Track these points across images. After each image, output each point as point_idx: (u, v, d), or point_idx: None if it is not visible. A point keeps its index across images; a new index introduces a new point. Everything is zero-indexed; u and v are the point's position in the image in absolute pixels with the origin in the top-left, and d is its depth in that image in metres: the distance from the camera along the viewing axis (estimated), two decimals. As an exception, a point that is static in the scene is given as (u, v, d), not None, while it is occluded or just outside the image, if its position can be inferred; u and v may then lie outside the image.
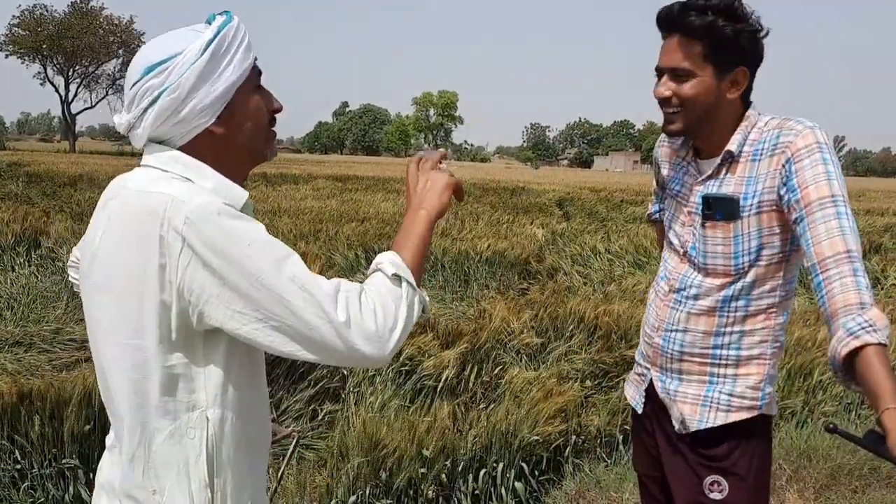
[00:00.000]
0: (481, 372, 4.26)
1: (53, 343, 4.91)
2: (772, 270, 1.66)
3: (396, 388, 4.05)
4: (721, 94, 1.63)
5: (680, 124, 1.67)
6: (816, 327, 4.97)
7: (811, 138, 1.55)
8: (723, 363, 1.73)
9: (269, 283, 1.09)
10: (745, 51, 1.61)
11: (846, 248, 1.46)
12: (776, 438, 3.75)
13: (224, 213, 1.10)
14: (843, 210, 1.50)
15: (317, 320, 1.09)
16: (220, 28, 1.19)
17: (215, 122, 1.20)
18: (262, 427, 1.31)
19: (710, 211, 1.68)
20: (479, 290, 7.10)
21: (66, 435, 3.00)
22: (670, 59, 1.63)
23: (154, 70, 1.16)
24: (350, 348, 1.10)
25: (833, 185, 1.51)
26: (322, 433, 3.74)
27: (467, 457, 3.24)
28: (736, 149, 1.66)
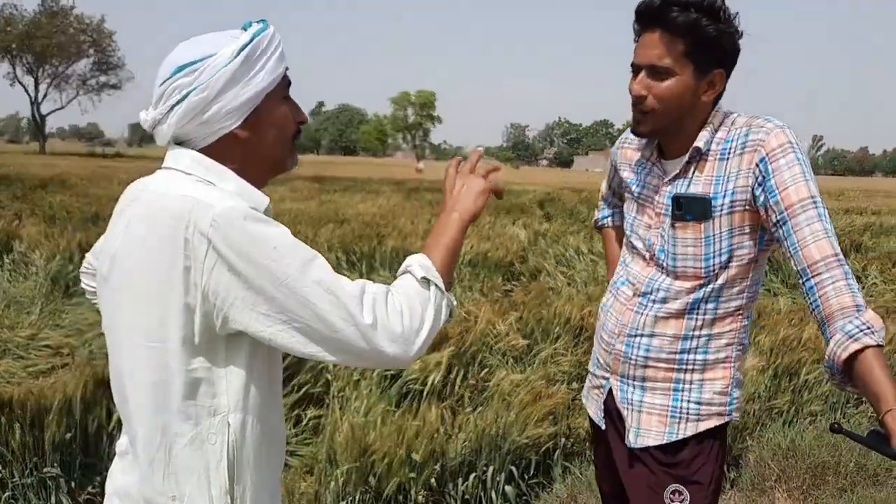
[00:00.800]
0: (468, 375, 4.23)
1: (29, 349, 4.79)
2: (742, 272, 1.63)
3: (381, 392, 4.01)
4: (697, 95, 1.58)
5: (651, 126, 1.62)
6: (801, 327, 5.01)
7: (783, 138, 1.52)
8: (689, 368, 1.68)
9: (295, 285, 1.10)
10: (725, 52, 1.56)
11: (833, 251, 1.46)
12: (763, 438, 3.76)
13: (249, 217, 1.12)
14: (823, 211, 1.50)
15: (341, 323, 1.10)
16: (256, 34, 1.21)
17: (240, 125, 1.21)
18: (279, 431, 1.30)
19: (680, 211, 1.63)
20: (462, 292, 7.07)
21: (47, 443, 2.93)
22: (650, 55, 1.56)
23: (185, 69, 1.17)
24: (375, 349, 1.12)
25: (810, 185, 1.50)
26: (306, 439, 3.69)
27: (457, 461, 3.21)
28: (704, 146, 1.61)
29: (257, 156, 1.25)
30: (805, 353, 4.55)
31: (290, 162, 1.32)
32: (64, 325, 5.29)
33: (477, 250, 7.94)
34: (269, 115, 1.24)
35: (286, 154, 1.30)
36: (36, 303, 5.77)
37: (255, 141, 1.23)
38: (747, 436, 3.80)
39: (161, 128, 1.21)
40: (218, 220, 1.09)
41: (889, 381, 1.35)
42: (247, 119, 1.21)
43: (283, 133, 1.27)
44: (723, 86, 1.60)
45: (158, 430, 1.15)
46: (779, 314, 5.64)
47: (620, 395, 1.75)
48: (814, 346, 4.67)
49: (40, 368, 4.55)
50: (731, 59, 1.59)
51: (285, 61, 1.26)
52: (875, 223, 12.89)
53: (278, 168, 1.31)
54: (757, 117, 1.59)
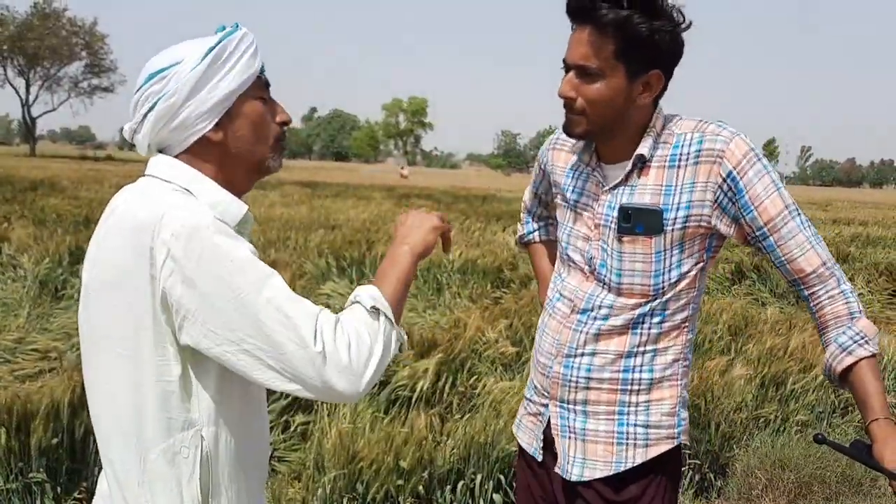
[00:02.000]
0: (457, 382, 4.23)
1: (16, 353, 4.76)
2: (688, 284, 1.53)
3: (370, 398, 4.00)
4: (631, 98, 1.45)
5: (583, 127, 1.49)
6: (788, 336, 5.04)
7: (744, 146, 1.44)
8: (634, 388, 1.56)
9: (247, 300, 1.08)
10: (662, 52, 1.43)
11: (821, 259, 1.45)
12: (750, 447, 3.78)
13: (213, 229, 1.10)
14: (802, 219, 1.47)
15: (290, 345, 1.08)
16: (223, 38, 1.21)
17: (213, 128, 1.21)
18: (260, 447, 1.29)
19: (628, 224, 1.49)
20: (451, 298, 7.07)
21: (34, 449, 2.91)
22: (578, 54, 1.43)
23: (155, 77, 1.18)
24: (323, 380, 1.08)
25: (783, 194, 1.46)
26: (294, 445, 3.68)
27: (445, 468, 3.21)
28: (648, 153, 1.49)
29: (234, 157, 1.24)
30: (792, 362, 4.58)
31: (272, 163, 1.29)
32: (52, 329, 5.26)
33: (466, 257, 7.94)
34: (242, 116, 1.23)
35: (265, 154, 1.28)
36: (24, 306, 5.74)
37: (230, 142, 1.23)
38: (734, 445, 3.82)
39: (138, 136, 1.22)
40: (180, 229, 1.08)
41: (879, 391, 1.39)
42: (219, 122, 1.21)
43: (261, 133, 1.26)
44: (661, 87, 1.47)
45: (133, 441, 1.14)
46: (766, 324, 5.68)
47: (561, 423, 1.61)
48: (801, 355, 4.71)
49: (27, 372, 4.52)
50: (670, 58, 1.46)
51: (258, 61, 1.25)
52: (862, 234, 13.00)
53: (259, 169, 1.29)
54: (706, 122, 1.49)
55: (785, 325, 5.49)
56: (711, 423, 3.76)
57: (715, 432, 3.73)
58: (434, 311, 6.67)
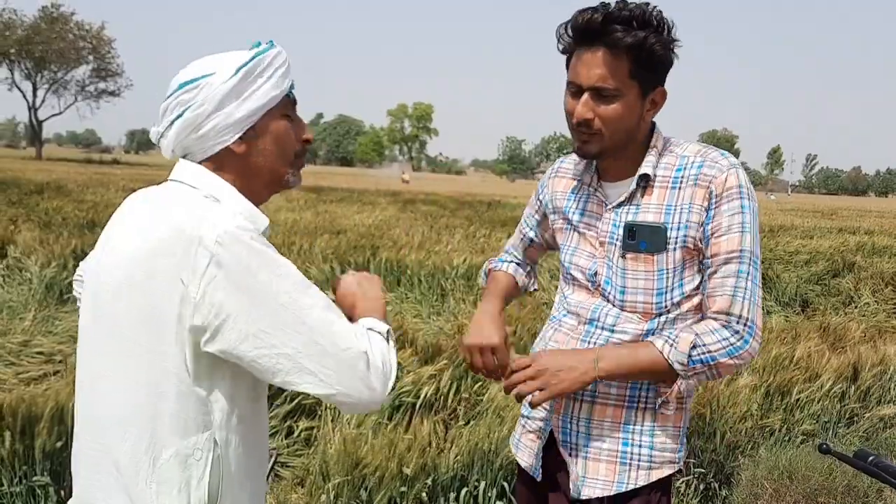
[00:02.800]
0: (461, 388, 4.23)
1: (21, 356, 4.77)
2: (694, 307, 1.52)
3: (374, 404, 4.00)
4: (642, 115, 1.49)
5: (599, 146, 1.50)
6: (794, 345, 5.02)
7: (735, 180, 1.45)
8: (641, 406, 1.54)
9: (292, 304, 1.13)
10: (667, 67, 1.48)
11: (728, 308, 1.44)
12: (756, 457, 3.76)
13: (255, 238, 1.14)
14: (750, 269, 1.45)
15: (334, 348, 1.14)
16: (257, 54, 1.25)
17: (237, 141, 1.24)
18: (262, 452, 1.31)
19: (632, 241, 1.51)
20: (456, 304, 7.07)
21: (38, 452, 2.91)
22: (594, 76, 1.43)
23: (186, 86, 1.22)
24: (366, 382, 1.15)
25: (745, 237, 1.44)
26: (298, 451, 3.68)
27: (448, 475, 3.20)
28: (651, 171, 1.51)
29: (255, 170, 1.28)
30: (797, 371, 4.56)
31: (292, 179, 1.34)
32: (57, 332, 5.28)
33: (470, 263, 7.94)
34: (267, 131, 1.27)
35: (285, 170, 1.32)
36: (29, 309, 5.75)
37: (252, 156, 1.27)
38: (739, 454, 3.80)
39: (163, 141, 1.26)
40: (224, 236, 1.11)
41: (625, 355, 1.47)
42: (244, 135, 1.25)
43: (283, 150, 1.30)
44: (664, 103, 1.52)
45: (145, 440, 1.14)
46: (771, 332, 5.66)
47: (563, 438, 1.59)
48: (806, 364, 4.69)
49: (32, 375, 4.53)
50: (667, 74, 1.50)
51: (289, 80, 1.29)
52: (867, 243, 12.95)
53: (278, 184, 1.33)
54: (710, 149, 1.52)
55: (790, 334, 5.47)
56: (717, 433, 3.74)
57: (720, 441, 3.72)
58: (438, 317, 6.67)
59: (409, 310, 6.74)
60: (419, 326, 6.06)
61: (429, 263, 7.78)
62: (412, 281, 7.43)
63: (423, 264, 7.75)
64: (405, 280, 7.41)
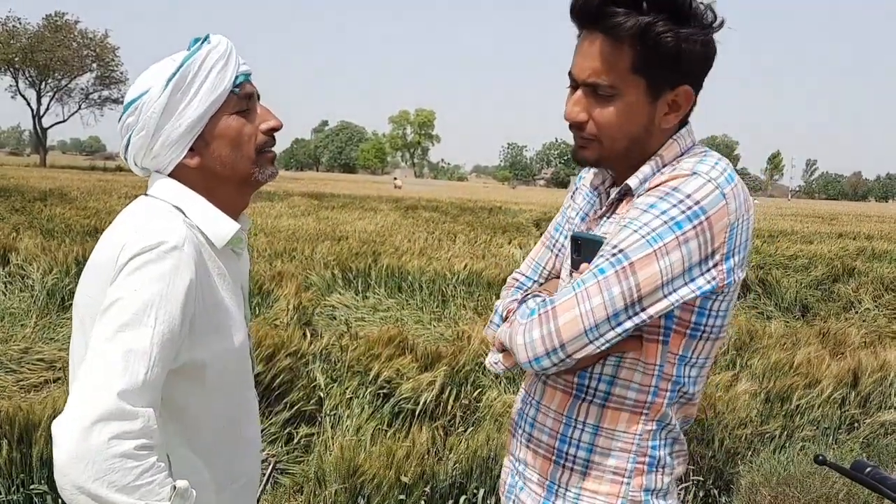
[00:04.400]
0: (460, 395, 4.23)
1: (21, 363, 4.78)
2: (642, 355, 1.20)
3: (374, 411, 4.00)
4: (653, 120, 1.19)
5: (594, 154, 1.24)
6: (793, 351, 5.01)
7: (676, 182, 1.13)
8: (568, 465, 1.27)
9: (104, 322, 1.06)
10: (692, 63, 1.16)
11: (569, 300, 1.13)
12: (755, 464, 3.76)
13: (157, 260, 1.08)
14: (612, 273, 1.11)
15: (92, 379, 1.02)
16: (183, 61, 1.17)
17: (189, 154, 1.20)
18: (237, 474, 1.29)
19: (578, 256, 1.25)
20: (456, 310, 7.07)
21: (35, 460, 2.91)
22: (587, 69, 1.17)
23: (129, 108, 1.18)
24: (78, 426, 0.99)
25: (631, 239, 1.11)
26: (298, 457, 3.67)
27: (447, 483, 3.20)
28: (636, 184, 1.22)
29: (217, 178, 1.23)
30: (797, 377, 4.55)
31: (261, 175, 1.25)
32: (58, 339, 5.29)
33: (471, 269, 7.94)
34: (216, 136, 1.20)
35: (250, 168, 1.24)
36: (31, 316, 5.76)
37: (209, 165, 1.21)
38: (739, 461, 3.79)
39: (128, 162, 1.25)
40: (135, 255, 1.09)
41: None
42: (194, 146, 1.20)
43: (241, 148, 1.22)
44: (690, 105, 1.22)
45: None
46: (770, 338, 5.65)
47: (509, 481, 1.39)
48: (806, 370, 4.68)
49: (32, 382, 4.54)
50: (701, 69, 1.19)
51: (230, 74, 1.19)
52: (868, 248, 12.92)
53: (247, 184, 1.26)
54: (706, 155, 1.21)
55: (790, 340, 5.46)
56: (716, 439, 3.74)
57: (719, 448, 3.71)
58: (439, 323, 6.67)
59: (410, 316, 6.74)
60: (420, 333, 6.07)
61: (430, 270, 7.78)
62: (413, 287, 7.44)
63: (424, 270, 7.76)
64: (406, 286, 7.41)
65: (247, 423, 1.32)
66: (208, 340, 1.17)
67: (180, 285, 1.09)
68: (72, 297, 5.65)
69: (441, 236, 11.77)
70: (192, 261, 1.12)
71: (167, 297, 1.07)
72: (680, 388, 1.24)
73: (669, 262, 1.10)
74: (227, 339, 1.21)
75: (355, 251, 8.95)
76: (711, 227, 1.11)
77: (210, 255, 1.20)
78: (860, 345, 5.98)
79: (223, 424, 1.24)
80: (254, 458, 1.37)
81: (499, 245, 11.37)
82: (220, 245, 1.21)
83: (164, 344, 1.05)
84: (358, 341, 4.65)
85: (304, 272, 7.60)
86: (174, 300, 1.07)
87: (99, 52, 60.44)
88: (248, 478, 1.34)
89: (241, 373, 1.30)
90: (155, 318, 1.05)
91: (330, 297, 6.95)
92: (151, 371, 1.03)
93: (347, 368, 4.27)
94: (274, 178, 1.29)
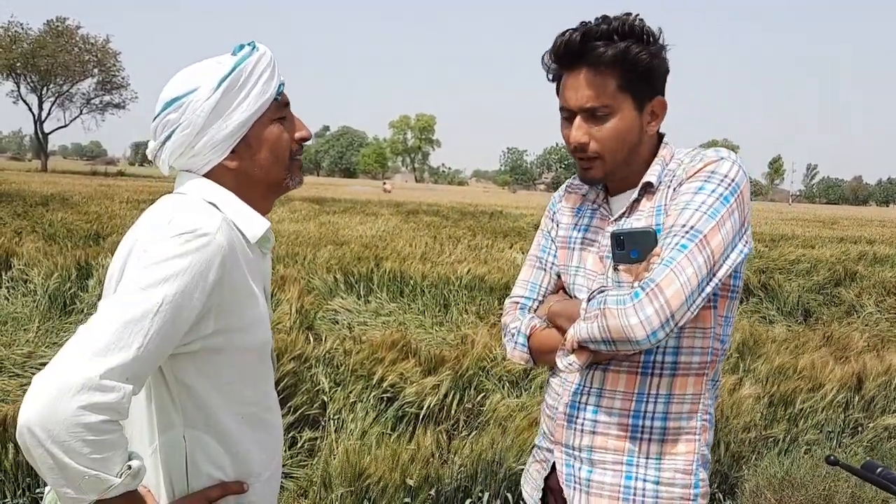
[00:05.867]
0: (464, 399, 4.23)
1: (25, 367, 4.78)
2: (699, 324, 1.38)
3: (377, 415, 4.00)
4: (642, 129, 1.41)
5: (601, 171, 1.43)
6: (797, 355, 5.01)
7: (710, 166, 1.34)
8: (645, 437, 1.41)
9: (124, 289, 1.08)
10: (660, 77, 1.41)
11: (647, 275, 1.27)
12: (759, 467, 3.75)
13: (184, 241, 1.10)
14: (690, 245, 1.25)
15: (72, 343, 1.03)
16: (236, 64, 1.20)
17: (230, 156, 1.22)
18: (260, 462, 1.30)
19: (622, 250, 1.38)
20: (459, 315, 7.07)
21: (40, 464, 2.91)
22: (583, 97, 1.37)
23: (172, 105, 1.20)
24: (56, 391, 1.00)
25: (703, 218, 1.28)
26: (301, 461, 3.67)
27: (452, 486, 3.20)
28: (656, 180, 1.42)
29: (252, 181, 1.26)
30: (801, 381, 4.55)
31: (291, 181, 1.30)
32: (61, 344, 5.25)
33: (473, 273, 7.95)
34: (258, 140, 1.24)
35: (283, 175, 1.28)
36: (33, 320, 5.77)
37: (247, 168, 1.24)
38: (743, 464, 3.79)
39: (159, 160, 1.25)
40: (165, 238, 1.11)
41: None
42: (236, 148, 1.22)
43: (278, 155, 1.26)
44: (664, 113, 1.44)
45: (146, 432, 1.21)
46: (774, 342, 5.65)
47: (566, 470, 1.48)
48: (809, 374, 4.68)
49: (36, 387, 4.54)
50: (665, 81, 1.43)
51: (275, 82, 1.24)
52: (869, 252, 12.92)
53: (278, 189, 1.30)
54: (709, 150, 1.42)
55: (793, 344, 5.46)
56: (720, 443, 3.73)
57: (724, 452, 3.71)
58: (441, 327, 6.68)
59: (413, 320, 6.74)
60: (422, 337, 6.07)
61: (432, 274, 7.79)
62: (415, 291, 7.44)
63: (426, 275, 7.76)
64: (408, 290, 7.42)
65: (268, 418, 1.33)
66: (233, 332, 1.19)
67: (201, 272, 1.10)
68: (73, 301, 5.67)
69: (443, 241, 11.77)
70: (223, 251, 1.14)
71: (182, 279, 1.08)
72: (723, 346, 1.44)
73: (727, 229, 1.29)
74: (252, 333, 1.23)
75: (357, 255, 8.95)
76: (743, 198, 1.34)
77: (243, 249, 1.22)
78: (863, 349, 5.98)
79: (244, 416, 1.26)
80: (277, 455, 1.38)
81: (500, 249, 11.37)
82: (253, 240, 1.22)
83: (164, 324, 1.06)
84: (361, 345, 4.65)
85: (306, 276, 7.60)
86: (189, 284, 1.09)
87: (100, 58, 60.52)
88: (272, 473, 1.35)
89: (263, 368, 1.32)
90: (163, 297, 1.06)
91: (332, 302, 6.96)
92: (145, 347, 1.04)
93: (351, 372, 4.27)
94: (300, 185, 1.33)
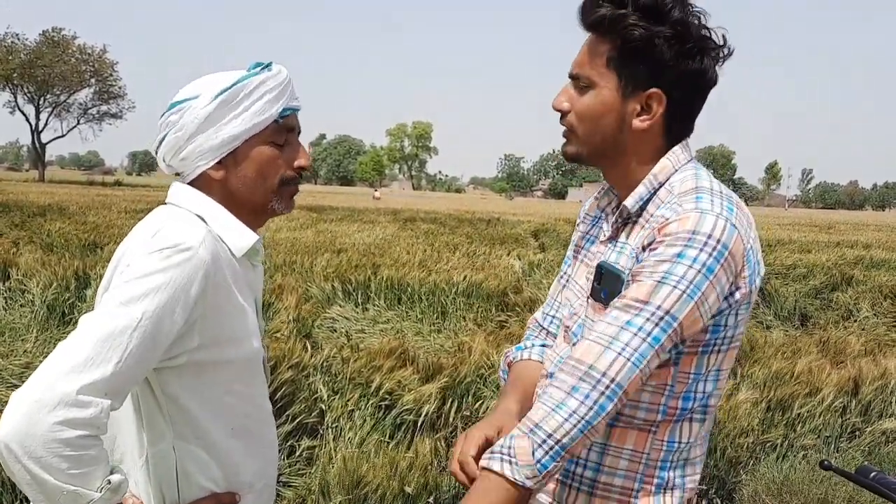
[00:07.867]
0: (461, 406, 4.23)
1: (23, 378, 4.77)
2: (651, 377, 1.17)
3: (376, 423, 4.00)
4: (625, 118, 1.22)
5: (574, 148, 1.27)
6: (794, 360, 5.02)
7: (689, 224, 1.12)
8: (574, 485, 1.27)
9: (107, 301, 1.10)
10: (663, 66, 1.18)
11: (592, 362, 1.11)
12: (757, 472, 3.76)
13: (160, 255, 1.12)
14: (643, 326, 1.10)
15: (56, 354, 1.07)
16: (239, 79, 1.23)
17: (215, 166, 1.24)
18: (252, 473, 1.32)
19: (598, 285, 1.25)
20: (456, 322, 7.07)
21: (38, 475, 2.91)
22: (576, 62, 1.25)
23: (175, 107, 1.24)
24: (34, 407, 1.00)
25: (661, 291, 1.10)
26: (300, 470, 3.67)
27: (450, 493, 3.20)
28: (633, 205, 1.24)
29: (235, 197, 1.27)
30: (798, 386, 4.56)
31: (277, 206, 1.29)
32: (58, 354, 5.28)
33: (471, 280, 7.95)
34: (248, 159, 1.25)
35: (269, 197, 1.28)
36: (31, 330, 5.76)
37: (231, 182, 1.26)
38: (741, 470, 3.80)
39: (157, 157, 1.29)
40: (150, 252, 1.13)
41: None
42: (223, 160, 1.24)
43: (265, 176, 1.26)
44: (662, 112, 1.21)
45: (135, 442, 1.23)
46: (771, 347, 5.66)
47: None
48: (806, 379, 4.69)
49: (34, 397, 4.53)
50: (678, 79, 1.19)
51: (280, 105, 1.24)
52: (865, 256, 12.94)
53: (261, 212, 1.30)
54: (700, 190, 1.19)
55: (790, 349, 5.47)
56: (717, 448, 3.74)
57: (721, 457, 3.72)
58: (439, 334, 6.68)
59: (410, 328, 6.75)
60: (420, 344, 6.07)
61: (429, 281, 7.79)
62: (413, 299, 7.45)
63: (423, 282, 7.76)
64: (406, 298, 7.42)
65: (261, 429, 1.34)
66: (219, 345, 1.20)
67: (183, 286, 1.11)
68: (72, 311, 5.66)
69: (440, 248, 11.78)
70: (206, 265, 1.15)
71: (163, 295, 1.09)
72: (693, 405, 1.24)
73: (708, 305, 1.14)
74: (239, 346, 1.24)
75: (354, 263, 8.95)
76: (734, 258, 1.14)
77: (229, 262, 1.23)
78: (860, 353, 5.99)
79: (234, 428, 1.27)
80: (270, 465, 1.39)
81: (498, 256, 11.38)
82: (239, 254, 1.24)
83: (144, 339, 1.07)
84: (359, 353, 4.66)
85: (303, 284, 7.60)
86: (170, 299, 1.10)
87: (97, 68, 60.61)
88: (266, 483, 1.37)
89: (254, 380, 1.32)
90: (143, 312, 1.07)
91: (330, 310, 6.96)
92: (124, 362, 1.05)
93: (349, 380, 4.27)
94: (288, 211, 1.32)
